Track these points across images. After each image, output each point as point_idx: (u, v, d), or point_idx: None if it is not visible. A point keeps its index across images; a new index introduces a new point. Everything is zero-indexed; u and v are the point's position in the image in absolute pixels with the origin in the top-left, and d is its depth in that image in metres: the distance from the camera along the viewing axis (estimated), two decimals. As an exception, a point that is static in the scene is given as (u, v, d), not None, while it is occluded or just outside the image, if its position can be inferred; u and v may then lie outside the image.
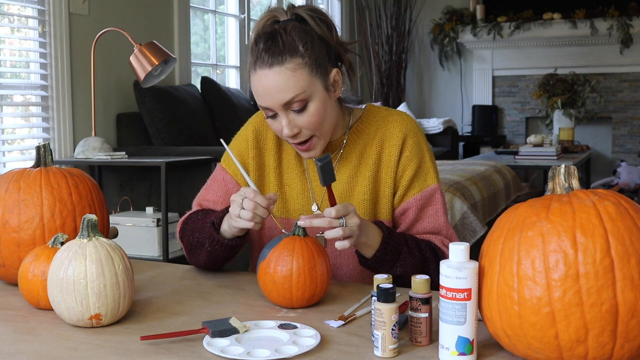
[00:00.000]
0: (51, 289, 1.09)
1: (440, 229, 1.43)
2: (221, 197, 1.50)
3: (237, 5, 4.79)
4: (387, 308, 0.95)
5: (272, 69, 1.27)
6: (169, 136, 3.46)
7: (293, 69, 1.27)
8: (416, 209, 1.42)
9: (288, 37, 1.28)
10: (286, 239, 1.21)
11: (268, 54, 1.27)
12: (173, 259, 2.84)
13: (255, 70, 1.29)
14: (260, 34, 1.31)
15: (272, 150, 1.47)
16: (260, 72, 1.28)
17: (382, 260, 1.31)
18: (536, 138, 4.77)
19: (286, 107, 1.29)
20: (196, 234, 1.40)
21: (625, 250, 0.85)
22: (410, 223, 1.43)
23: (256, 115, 1.52)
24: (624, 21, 5.99)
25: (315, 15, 1.34)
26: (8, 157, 3.08)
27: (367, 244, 1.29)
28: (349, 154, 1.44)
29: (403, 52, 6.63)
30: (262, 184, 1.48)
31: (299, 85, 1.27)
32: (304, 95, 1.28)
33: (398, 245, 1.32)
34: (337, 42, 1.36)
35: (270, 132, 1.48)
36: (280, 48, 1.27)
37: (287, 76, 1.27)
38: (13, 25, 3.17)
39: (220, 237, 1.34)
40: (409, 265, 1.33)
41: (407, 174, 1.41)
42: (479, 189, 3.20)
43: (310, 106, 1.30)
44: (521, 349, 0.90)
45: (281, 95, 1.27)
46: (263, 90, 1.29)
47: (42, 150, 1.37)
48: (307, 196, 1.45)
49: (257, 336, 1.03)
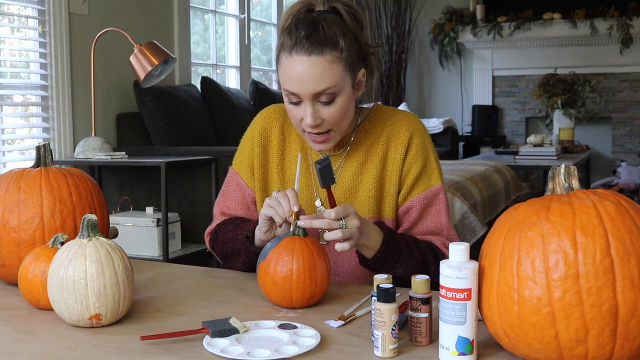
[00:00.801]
0: (51, 289, 1.09)
1: (442, 229, 1.44)
2: (239, 202, 1.52)
3: (237, 5, 4.79)
4: (387, 308, 0.95)
5: (311, 57, 1.27)
6: (169, 136, 3.46)
7: (331, 62, 1.28)
8: (420, 207, 1.43)
9: (329, 29, 1.29)
10: (286, 239, 1.21)
11: (309, 41, 1.27)
12: (173, 259, 2.84)
13: (291, 55, 1.29)
14: (299, 20, 1.31)
15: (275, 147, 1.48)
16: (297, 57, 1.28)
17: (383, 261, 1.32)
18: (536, 138, 4.77)
19: (315, 97, 1.30)
20: (229, 245, 1.43)
21: (625, 250, 0.85)
22: (413, 222, 1.44)
23: (262, 112, 1.53)
24: (624, 21, 6.00)
25: (351, 11, 1.35)
26: (8, 157, 3.08)
27: (367, 245, 1.30)
28: (355, 152, 1.45)
29: (403, 52, 6.63)
30: (266, 180, 1.49)
31: (333, 78, 1.29)
32: (335, 89, 1.30)
33: (399, 247, 1.33)
34: (365, 42, 1.38)
35: (275, 129, 1.49)
36: (321, 38, 1.27)
37: (324, 67, 1.28)
38: (13, 25, 3.17)
39: (257, 248, 1.37)
40: (409, 267, 1.33)
41: (412, 173, 1.42)
42: (479, 189, 3.20)
43: (337, 100, 1.32)
44: (521, 349, 0.90)
45: (314, 84, 1.28)
46: (296, 76, 1.29)
47: (42, 150, 1.37)
48: (310, 192, 1.46)
49: (257, 336, 1.03)
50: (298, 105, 1.33)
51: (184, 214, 3.07)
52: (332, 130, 1.36)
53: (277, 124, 1.49)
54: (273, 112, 1.51)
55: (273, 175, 1.48)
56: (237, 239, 1.41)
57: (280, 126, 1.49)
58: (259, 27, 5.43)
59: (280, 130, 1.48)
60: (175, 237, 2.98)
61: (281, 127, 1.49)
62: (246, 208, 1.51)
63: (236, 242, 1.41)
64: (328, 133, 1.36)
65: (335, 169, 1.44)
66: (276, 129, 1.48)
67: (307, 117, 1.31)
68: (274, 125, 1.49)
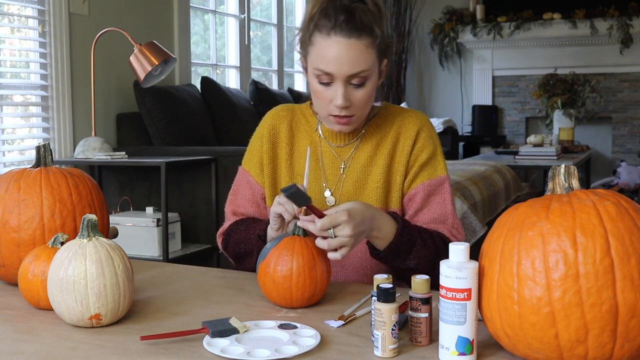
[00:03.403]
0: (51, 289, 1.09)
1: (447, 217, 1.46)
2: (249, 199, 1.54)
3: (237, 5, 4.79)
4: (387, 308, 0.95)
5: (350, 40, 1.32)
6: (169, 136, 3.46)
7: (366, 46, 1.33)
8: (424, 194, 1.45)
9: (365, 16, 1.33)
10: (286, 239, 1.21)
11: (349, 25, 1.32)
12: (173, 259, 2.84)
13: (330, 36, 1.32)
14: (335, 5, 1.34)
15: (284, 142, 1.52)
16: (336, 39, 1.32)
17: (396, 252, 1.33)
18: (536, 138, 4.77)
19: (348, 80, 1.34)
20: (241, 245, 1.45)
21: (625, 250, 0.85)
22: (418, 209, 1.46)
23: (271, 112, 1.56)
24: (624, 21, 5.99)
25: (377, 3, 1.40)
26: (8, 157, 3.08)
27: (378, 237, 1.31)
28: (365, 144, 1.49)
29: (403, 52, 6.63)
30: (275, 175, 1.52)
31: (367, 62, 1.34)
32: (367, 73, 1.35)
33: (412, 237, 1.35)
34: (387, 35, 1.43)
35: (283, 126, 1.52)
36: (359, 24, 1.32)
37: (361, 50, 1.32)
38: (13, 25, 3.17)
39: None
40: (422, 258, 1.35)
41: (418, 162, 1.46)
42: (479, 189, 3.20)
43: (367, 84, 1.36)
44: (521, 349, 0.90)
45: (350, 66, 1.32)
46: (333, 57, 1.32)
47: (42, 150, 1.37)
48: (319, 184, 1.48)
49: (257, 336, 1.03)
50: (328, 87, 1.36)
51: (184, 214, 3.07)
52: (355, 115, 1.40)
53: (285, 121, 1.52)
54: (281, 111, 1.55)
55: (282, 171, 1.51)
56: (249, 238, 1.42)
57: (289, 123, 1.52)
58: (259, 27, 5.43)
59: (289, 127, 1.52)
60: (175, 237, 2.98)
61: (289, 124, 1.52)
62: (256, 205, 1.53)
63: (248, 242, 1.42)
64: (351, 117, 1.39)
65: (346, 159, 1.48)
66: (285, 125, 1.52)
67: (338, 97, 1.34)
68: (282, 122, 1.52)
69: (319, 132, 1.50)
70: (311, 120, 1.52)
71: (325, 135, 1.50)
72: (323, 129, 1.50)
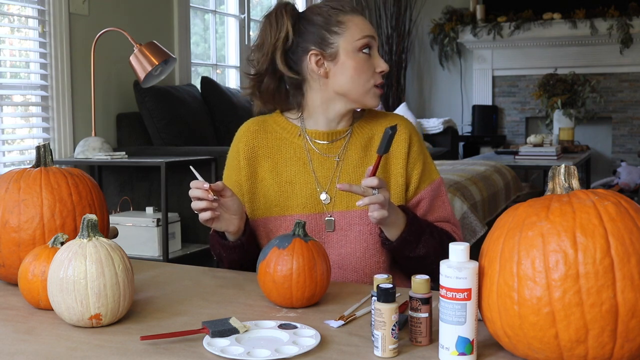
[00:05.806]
0: (51, 289, 1.09)
1: (449, 217, 1.57)
2: None
3: (237, 5, 4.79)
4: (387, 308, 0.95)
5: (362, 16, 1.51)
6: (169, 136, 3.46)
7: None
8: (429, 199, 1.54)
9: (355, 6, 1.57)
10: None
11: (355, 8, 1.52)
12: (173, 259, 2.84)
13: (353, 14, 1.48)
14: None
15: (264, 156, 1.53)
16: (356, 15, 1.49)
17: (407, 241, 1.42)
18: (536, 138, 4.77)
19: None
20: (217, 247, 1.50)
21: (625, 250, 0.85)
22: (424, 213, 1.53)
23: (242, 128, 1.58)
24: (624, 21, 6.00)
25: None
26: (8, 157, 3.08)
27: (395, 223, 1.40)
28: (353, 145, 1.53)
29: (403, 52, 6.63)
30: (255, 190, 1.53)
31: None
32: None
33: (421, 227, 1.45)
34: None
35: (259, 140, 1.54)
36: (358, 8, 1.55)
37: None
38: (13, 25, 3.17)
39: (227, 242, 1.45)
40: (430, 246, 1.45)
41: (416, 170, 1.53)
42: (479, 189, 3.20)
43: None
44: (521, 349, 0.90)
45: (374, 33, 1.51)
46: (364, 24, 1.48)
47: (42, 150, 1.37)
48: (312, 187, 1.49)
49: (257, 336, 1.03)
50: (370, 56, 1.48)
51: (184, 214, 3.07)
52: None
53: (259, 135, 1.55)
54: (252, 125, 1.57)
55: (265, 183, 1.52)
56: (215, 237, 1.48)
57: (265, 136, 1.54)
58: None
59: (266, 140, 1.54)
60: (175, 237, 2.98)
61: (265, 137, 1.54)
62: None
63: (215, 242, 1.48)
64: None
65: (340, 153, 1.52)
66: (260, 140, 1.54)
67: (382, 63, 1.48)
68: (256, 137, 1.54)
69: (304, 136, 1.52)
70: (289, 127, 1.54)
71: (313, 136, 1.52)
72: (309, 131, 1.52)
